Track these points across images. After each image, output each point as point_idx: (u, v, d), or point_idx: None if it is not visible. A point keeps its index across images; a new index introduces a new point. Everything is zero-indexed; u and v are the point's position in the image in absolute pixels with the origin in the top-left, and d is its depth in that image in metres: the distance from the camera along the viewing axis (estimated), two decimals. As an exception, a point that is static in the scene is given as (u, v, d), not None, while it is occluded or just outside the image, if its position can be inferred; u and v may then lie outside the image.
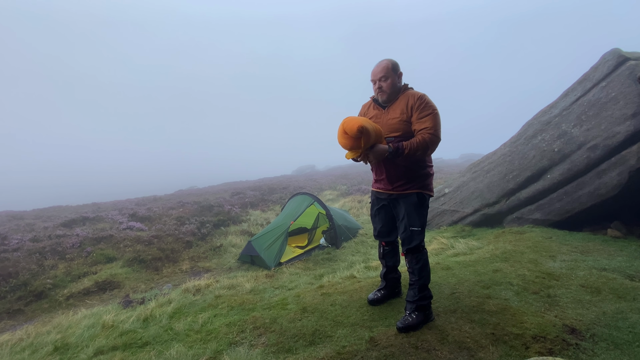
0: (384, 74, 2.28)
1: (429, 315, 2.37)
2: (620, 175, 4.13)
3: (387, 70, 2.28)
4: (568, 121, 5.08)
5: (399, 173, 2.32)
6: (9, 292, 5.01)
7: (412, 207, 2.31)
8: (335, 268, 4.94)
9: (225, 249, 7.08)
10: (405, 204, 2.33)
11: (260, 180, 25.97)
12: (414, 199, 2.30)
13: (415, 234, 2.30)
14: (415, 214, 2.31)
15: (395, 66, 2.30)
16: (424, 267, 2.34)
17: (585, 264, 3.25)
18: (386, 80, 2.28)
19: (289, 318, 2.70)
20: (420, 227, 2.31)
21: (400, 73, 2.33)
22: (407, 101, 2.26)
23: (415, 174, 2.31)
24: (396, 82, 2.30)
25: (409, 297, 2.36)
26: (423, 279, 2.33)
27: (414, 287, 2.34)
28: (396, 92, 2.31)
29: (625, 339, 2.04)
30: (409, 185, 2.31)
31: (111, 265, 6.05)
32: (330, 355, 2.10)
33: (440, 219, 6.54)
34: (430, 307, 2.38)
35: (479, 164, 6.76)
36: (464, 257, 3.98)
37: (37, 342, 3.21)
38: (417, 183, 2.31)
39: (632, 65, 4.61)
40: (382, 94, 2.32)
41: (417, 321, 2.26)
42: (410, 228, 2.31)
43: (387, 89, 2.29)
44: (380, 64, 2.31)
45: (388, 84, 2.28)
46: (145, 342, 2.80)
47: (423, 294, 2.33)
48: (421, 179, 2.32)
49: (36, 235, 7.50)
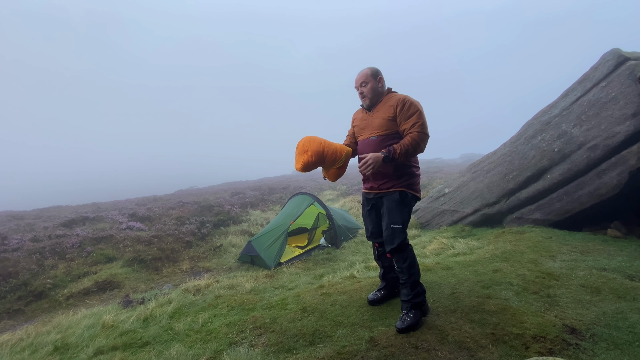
0: (364, 80, 2.44)
1: (426, 310, 2.41)
2: (620, 175, 4.13)
3: (366, 76, 2.44)
4: (568, 121, 5.08)
5: (385, 172, 2.39)
6: (9, 292, 5.02)
7: (393, 204, 2.37)
8: (335, 268, 4.93)
9: (225, 249, 7.08)
10: (387, 201, 2.40)
11: (260, 180, 26.01)
12: (396, 196, 2.37)
13: (396, 232, 2.33)
14: (396, 210, 2.35)
15: (375, 72, 2.45)
16: (412, 264, 2.36)
17: (585, 264, 3.25)
18: (366, 85, 2.44)
19: (289, 318, 2.70)
20: (402, 225, 2.35)
21: (381, 78, 2.46)
22: (390, 102, 2.39)
23: (399, 172, 2.38)
24: (377, 87, 2.44)
25: (404, 297, 2.39)
26: (413, 276, 2.36)
27: (406, 285, 2.37)
28: (378, 96, 2.46)
29: (625, 339, 2.04)
30: (393, 184, 2.38)
31: (111, 265, 6.05)
32: (330, 355, 2.10)
33: (440, 219, 6.54)
34: (425, 302, 2.42)
35: (479, 164, 6.76)
36: (464, 257, 3.98)
37: (37, 342, 3.21)
38: (401, 182, 2.38)
39: (632, 65, 4.60)
40: (365, 98, 2.48)
41: (416, 319, 2.29)
42: (391, 225, 2.35)
43: (368, 94, 2.44)
44: (361, 72, 2.48)
45: (368, 89, 2.44)
46: (145, 342, 2.80)
47: (416, 291, 2.36)
48: (405, 178, 2.39)
49: (36, 235, 7.50)
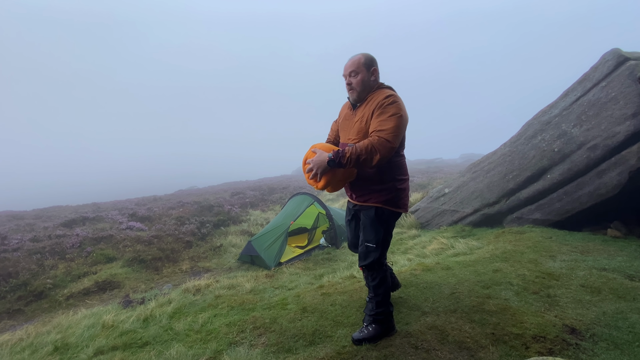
0: (354, 69, 2.02)
1: (389, 328, 2.22)
2: (620, 175, 4.13)
3: (359, 65, 2.01)
4: (568, 121, 5.08)
5: (361, 182, 2.12)
6: (9, 292, 5.02)
7: (368, 221, 2.11)
8: (335, 268, 4.93)
9: (225, 249, 7.08)
10: (363, 216, 2.16)
11: (260, 180, 26.01)
12: (372, 212, 2.09)
13: (370, 251, 2.11)
14: (370, 228, 2.10)
15: (369, 61, 2.02)
16: (380, 285, 2.16)
17: (585, 264, 3.25)
18: (356, 75, 2.02)
19: (289, 318, 2.70)
20: (376, 244, 2.09)
21: (375, 69, 2.04)
22: (373, 101, 1.99)
23: (376, 186, 2.07)
24: (368, 80, 2.02)
25: (367, 310, 2.28)
26: (379, 296, 2.17)
27: (372, 301, 2.23)
28: (367, 91, 2.04)
29: (625, 339, 2.04)
30: (368, 197, 2.10)
31: (111, 265, 6.05)
32: (330, 355, 2.10)
33: (440, 218, 6.54)
34: (390, 321, 2.23)
35: (479, 164, 6.76)
36: (464, 257, 3.98)
37: (37, 342, 3.21)
38: (379, 196, 2.07)
39: (632, 65, 4.60)
40: (352, 91, 2.06)
41: (374, 334, 2.15)
42: (365, 243, 2.13)
43: (357, 86, 2.03)
44: (353, 58, 2.04)
45: (358, 81, 2.02)
46: (145, 342, 2.80)
47: (381, 310, 2.19)
48: (385, 192, 2.06)
49: (36, 235, 7.51)
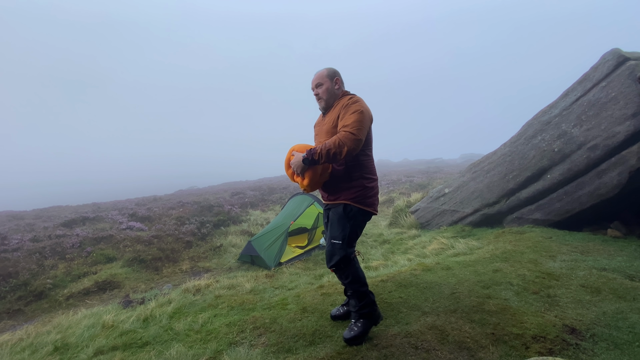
0: (319, 81, 2.30)
1: (376, 318, 2.29)
2: (620, 175, 4.13)
3: (322, 77, 2.30)
4: (568, 121, 5.08)
5: (331, 182, 2.26)
6: (9, 292, 5.02)
7: (335, 217, 2.22)
8: (335, 268, 4.93)
9: (225, 249, 7.08)
10: (332, 214, 2.27)
11: (260, 180, 26.02)
12: (340, 209, 2.21)
13: (336, 248, 2.18)
14: (337, 224, 2.20)
15: (332, 73, 2.31)
16: (355, 280, 2.21)
17: (585, 264, 3.25)
18: (321, 86, 2.29)
19: (289, 318, 2.70)
20: (341, 240, 2.17)
21: (338, 79, 2.31)
22: (339, 105, 2.24)
23: (345, 184, 2.22)
24: (332, 88, 2.29)
25: (351, 307, 2.30)
26: (358, 290, 2.23)
27: (353, 297, 2.27)
28: (333, 98, 2.31)
29: (625, 339, 2.04)
30: (337, 196, 2.24)
31: (111, 265, 6.05)
32: (330, 355, 2.10)
33: (440, 219, 6.55)
34: (375, 310, 2.28)
35: (479, 164, 6.76)
36: (464, 257, 3.98)
37: (37, 342, 3.21)
38: (347, 194, 2.20)
39: (632, 65, 4.60)
40: (320, 100, 2.33)
41: (363, 329, 2.21)
42: (331, 240, 2.21)
43: (323, 95, 2.30)
44: (317, 72, 2.34)
45: (324, 90, 2.29)
46: (145, 342, 2.79)
47: (364, 302, 2.24)
48: (353, 190, 2.20)
49: (36, 235, 7.51)
